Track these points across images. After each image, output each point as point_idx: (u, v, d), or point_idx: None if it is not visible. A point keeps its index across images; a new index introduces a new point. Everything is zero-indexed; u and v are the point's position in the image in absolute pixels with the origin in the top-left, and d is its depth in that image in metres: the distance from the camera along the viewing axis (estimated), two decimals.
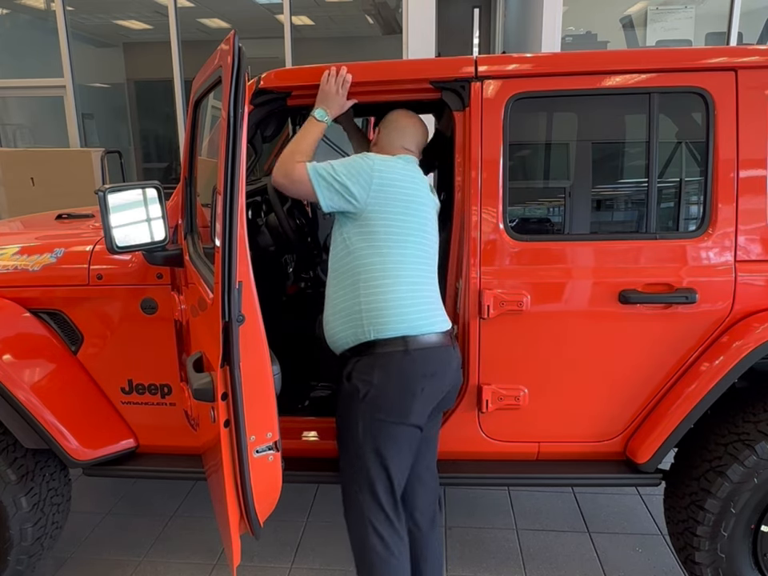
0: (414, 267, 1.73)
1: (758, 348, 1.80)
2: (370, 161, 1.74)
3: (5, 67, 6.76)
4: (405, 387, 1.68)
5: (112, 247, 1.88)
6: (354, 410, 1.69)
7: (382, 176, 1.72)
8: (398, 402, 1.68)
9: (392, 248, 1.71)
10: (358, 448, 1.70)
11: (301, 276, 3.40)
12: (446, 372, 1.74)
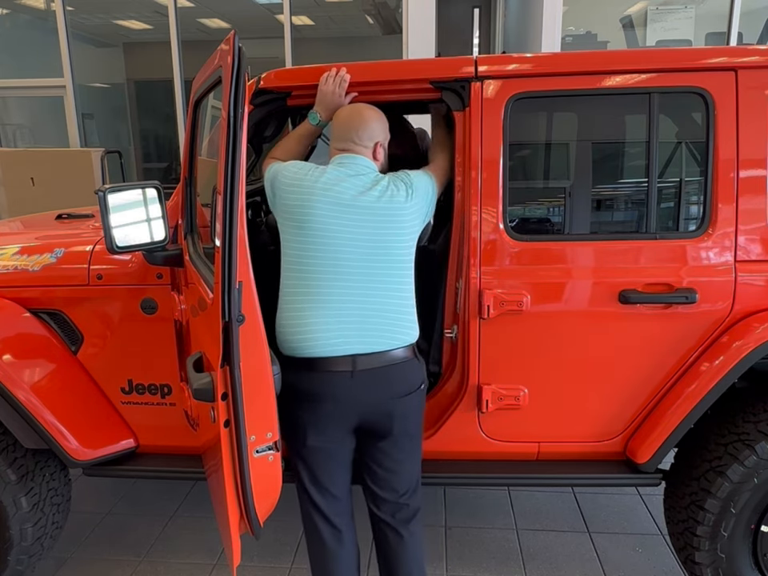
0: (301, 286, 1.72)
1: (758, 348, 1.80)
2: (275, 166, 1.78)
3: (5, 67, 6.77)
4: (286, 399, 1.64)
5: (112, 247, 1.88)
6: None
7: (276, 183, 1.75)
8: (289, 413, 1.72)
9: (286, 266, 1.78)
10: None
11: None
12: (320, 400, 1.68)
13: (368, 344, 1.68)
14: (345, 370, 1.66)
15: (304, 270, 1.71)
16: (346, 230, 1.67)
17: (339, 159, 1.77)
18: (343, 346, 1.66)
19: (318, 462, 1.78)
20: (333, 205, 1.67)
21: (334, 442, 1.75)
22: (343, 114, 1.81)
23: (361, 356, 1.67)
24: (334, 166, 1.75)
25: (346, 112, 1.82)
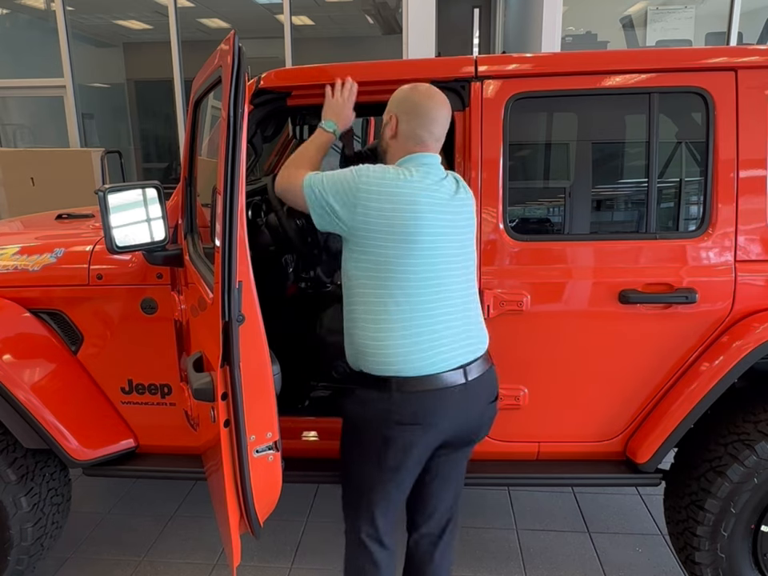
0: (414, 302, 1.52)
1: (757, 348, 1.80)
2: (356, 173, 1.53)
3: (5, 67, 6.76)
4: (381, 434, 1.55)
5: (112, 247, 1.88)
6: (341, 441, 1.67)
7: (369, 194, 1.50)
8: (371, 447, 1.58)
9: (382, 281, 1.52)
10: (342, 476, 1.68)
11: (301, 276, 3.39)
12: (441, 420, 1.56)
13: (471, 351, 1.60)
14: (458, 382, 1.56)
15: (405, 281, 1.52)
16: (446, 236, 1.56)
17: (420, 159, 1.59)
18: (455, 358, 1.57)
19: (395, 483, 1.62)
20: (436, 212, 1.54)
21: (420, 462, 1.62)
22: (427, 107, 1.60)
23: (469, 365, 1.59)
24: (416, 166, 1.58)
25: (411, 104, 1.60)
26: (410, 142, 1.60)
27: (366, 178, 1.52)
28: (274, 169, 3.33)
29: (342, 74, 2.00)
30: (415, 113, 1.59)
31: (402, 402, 1.52)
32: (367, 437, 1.59)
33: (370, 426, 1.57)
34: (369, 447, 1.59)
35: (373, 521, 1.65)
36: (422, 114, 1.59)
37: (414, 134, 1.59)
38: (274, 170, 3.33)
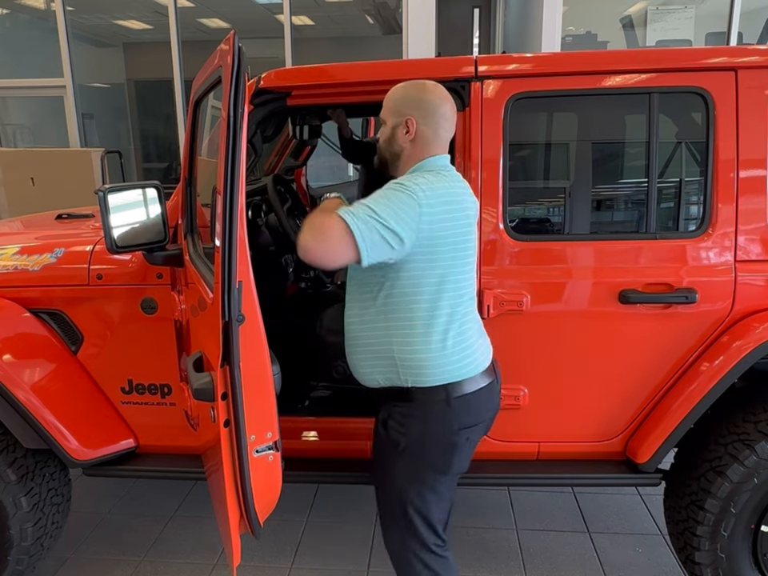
0: (455, 308, 1.52)
1: (758, 348, 1.80)
2: (413, 192, 1.41)
3: (5, 67, 6.77)
4: (446, 441, 1.55)
5: (112, 247, 1.88)
6: (392, 462, 1.58)
7: (432, 211, 1.42)
8: (438, 457, 1.55)
9: (434, 293, 1.49)
10: (397, 496, 1.59)
11: (301, 276, 3.39)
12: (488, 412, 1.63)
13: (489, 345, 1.67)
14: (492, 377, 1.62)
15: (454, 291, 1.51)
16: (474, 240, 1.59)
17: (444, 161, 1.57)
18: (488, 354, 1.63)
19: (452, 488, 1.62)
20: (474, 217, 1.57)
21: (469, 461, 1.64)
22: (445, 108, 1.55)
23: (493, 360, 1.66)
24: (447, 170, 1.55)
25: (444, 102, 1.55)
26: (433, 144, 1.56)
27: (422, 193, 1.41)
28: (274, 169, 3.34)
29: (342, 73, 2.00)
30: (437, 114, 1.54)
31: (460, 407, 1.53)
32: (434, 452, 1.55)
33: (437, 440, 1.54)
34: (437, 461, 1.56)
35: (437, 531, 1.62)
36: (442, 115, 1.55)
37: (438, 136, 1.56)
38: (273, 170, 3.33)
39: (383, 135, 1.60)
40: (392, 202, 1.40)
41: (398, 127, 1.56)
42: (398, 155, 1.59)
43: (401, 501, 1.59)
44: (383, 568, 2.36)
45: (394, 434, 1.56)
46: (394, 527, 1.63)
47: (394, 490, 1.59)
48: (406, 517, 1.59)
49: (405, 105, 1.55)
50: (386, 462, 1.60)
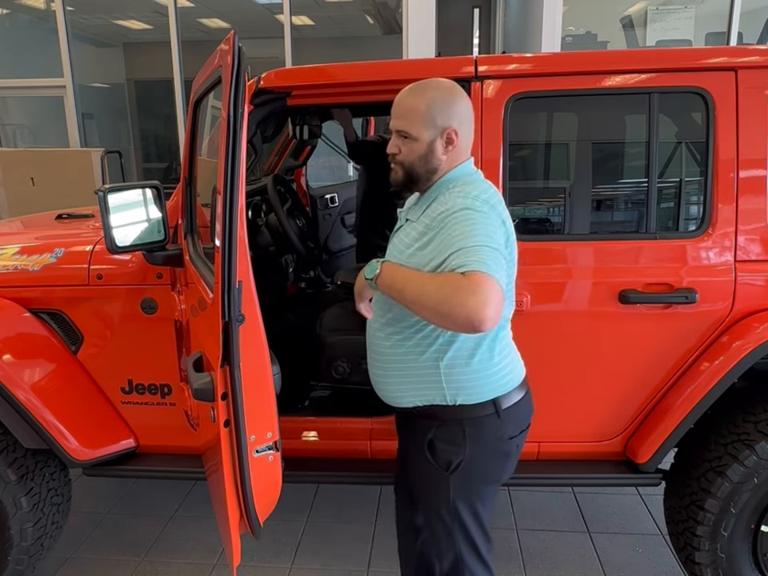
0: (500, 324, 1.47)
1: (757, 348, 1.80)
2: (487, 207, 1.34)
3: (5, 67, 6.77)
4: (500, 452, 1.53)
5: (112, 247, 1.88)
6: (443, 481, 1.52)
7: (505, 218, 1.41)
8: (493, 467, 1.54)
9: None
10: (450, 510, 1.54)
11: (301, 276, 3.40)
12: (530, 417, 1.62)
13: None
14: (528, 385, 1.61)
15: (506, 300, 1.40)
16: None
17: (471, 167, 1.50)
18: (522, 363, 1.61)
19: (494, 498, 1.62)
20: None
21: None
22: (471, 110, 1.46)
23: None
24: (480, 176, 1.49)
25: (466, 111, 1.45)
26: (466, 151, 1.47)
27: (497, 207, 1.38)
28: (274, 169, 3.34)
29: (342, 73, 2.00)
30: (470, 119, 1.46)
31: (509, 418, 1.51)
32: (488, 465, 1.53)
33: (491, 453, 1.52)
34: (492, 473, 1.56)
35: (488, 537, 1.61)
36: (471, 118, 1.46)
37: (468, 141, 1.47)
38: (273, 170, 3.33)
39: (414, 152, 1.42)
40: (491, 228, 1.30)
41: (436, 140, 1.41)
42: (435, 170, 1.44)
43: (456, 515, 1.54)
44: (383, 568, 2.36)
45: (444, 455, 1.50)
46: (449, 541, 1.58)
47: (447, 507, 1.54)
48: (463, 529, 1.55)
49: (441, 114, 1.39)
50: (437, 483, 1.53)
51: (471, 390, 1.46)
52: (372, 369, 1.60)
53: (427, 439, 1.50)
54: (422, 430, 1.52)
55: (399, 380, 1.52)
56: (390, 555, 2.40)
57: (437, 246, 1.34)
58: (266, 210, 2.93)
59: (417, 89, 1.44)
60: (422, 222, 1.43)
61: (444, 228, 1.33)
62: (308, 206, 3.62)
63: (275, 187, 2.73)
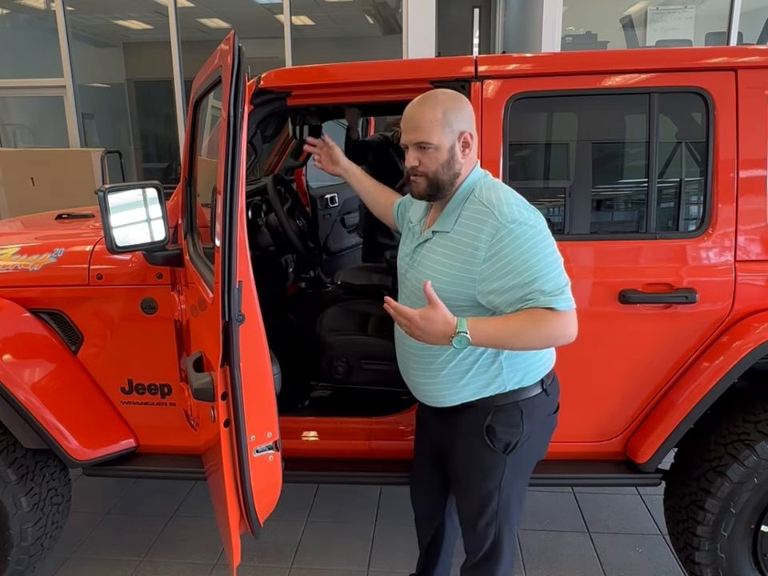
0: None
1: (757, 348, 1.80)
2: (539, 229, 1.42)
3: (5, 67, 6.76)
4: (549, 426, 1.64)
5: (112, 247, 1.88)
6: (499, 463, 1.57)
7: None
8: (542, 443, 1.64)
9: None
10: (500, 492, 1.61)
11: (301, 276, 3.40)
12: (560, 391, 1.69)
13: None
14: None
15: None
16: None
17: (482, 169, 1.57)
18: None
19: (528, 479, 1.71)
20: None
21: None
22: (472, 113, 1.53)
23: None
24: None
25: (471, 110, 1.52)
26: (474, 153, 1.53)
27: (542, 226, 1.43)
28: (274, 169, 3.34)
29: (342, 73, 2.00)
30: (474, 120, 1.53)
31: (553, 393, 1.61)
32: (540, 442, 1.63)
33: (543, 430, 1.61)
34: (541, 449, 1.65)
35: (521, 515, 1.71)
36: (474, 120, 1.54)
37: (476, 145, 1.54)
38: (273, 170, 3.33)
39: (437, 160, 1.46)
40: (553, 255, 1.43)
41: (455, 146, 1.46)
42: (457, 175, 1.49)
43: (504, 496, 1.61)
44: (383, 568, 2.36)
45: (504, 437, 1.55)
46: (492, 523, 1.64)
47: (498, 489, 1.60)
48: (507, 509, 1.63)
49: (456, 119, 1.45)
50: (494, 466, 1.58)
51: (530, 374, 1.55)
52: (417, 378, 1.62)
53: (485, 425, 1.55)
54: (478, 417, 1.56)
55: (456, 382, 1.55)
56: (390, 555, 2.41)
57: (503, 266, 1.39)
58: (266, 210, 2.93)
59: (427, 100, 1.48)
60: (459, 231, 1.45)
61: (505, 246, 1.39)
62: (308, 206, 3.62)
63: (275, 187, 2.73)
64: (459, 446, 1.62)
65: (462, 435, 1.61)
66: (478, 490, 1.62)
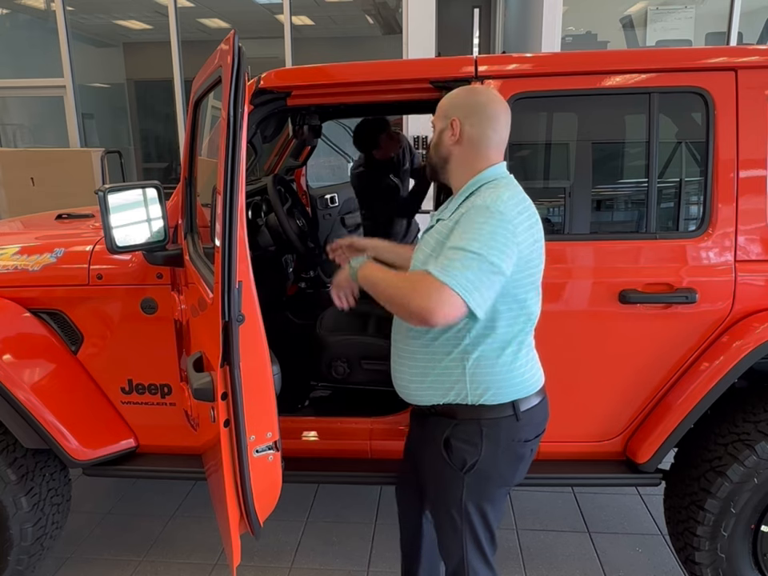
0: (528, 324, 1.50)
1: (757, 348, 1.80)
2: (507, 220, 1.35)
3: (5, 67, 6.77)
4: (515, 454, 1.54)
5: (112, 247, 1.88)
6: (457, 480, 1.54)
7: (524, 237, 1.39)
8: (507, 470, 1.56)
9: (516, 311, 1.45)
10: (460, 510, 1.56)
11: (301, 276, 3.40)
12: (545, 422, 1.61)
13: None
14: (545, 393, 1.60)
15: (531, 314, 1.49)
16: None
17: (501, 170, 1.51)
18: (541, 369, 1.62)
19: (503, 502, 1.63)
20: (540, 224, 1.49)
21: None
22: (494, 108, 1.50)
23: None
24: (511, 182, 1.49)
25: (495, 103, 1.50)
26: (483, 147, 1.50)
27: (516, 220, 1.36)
28: (274, 169, 3.34)
29: (342, 73, 2.00)
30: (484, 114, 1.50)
31: (527, 421, 1.52)
32: (503, 467, 1.55)
33: (507, 455, 1.53)
34: (506, 475, 1.57)
35: (494, 540, 1.62)
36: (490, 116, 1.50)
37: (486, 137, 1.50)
38: (273, 170, 3.33)
39: (432, 141, 1.57)
40: (491, 235, 1.33)
41: (444, 130, 1.51)
42: (446, 159, 1.54)
43: (466, 516, 1.56)
44: (383, 568, 2.36)
45: (460, 453, 1.51)
46: (455, 539, 1.60)
47: (458, 507, 1.56)
48: (472, 530, 1.57)
49: (451, 107, 1.52)
50: (450, 482, 1.55)
51: (494, 391, 1.48)
52: (395, 366, 1.62)
53: (444, 437, 1.52)
54: (440, 427, 1.54)
55: (423, 378, 1.54)
56: (390, 555, 2.41)
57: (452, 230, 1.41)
58: (266, 210, 2.93)
59: (452, 92, 1.58)
60: (453, 219, 1.46)
61: (459, 221, 1.40)
62: (308, 206, 3.62)
63: (275, 187, 2.73)
64: (425, 455, 1.62)
65: (427, 443, 1.60)
66: (439, 503, 1.61)
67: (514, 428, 1.51)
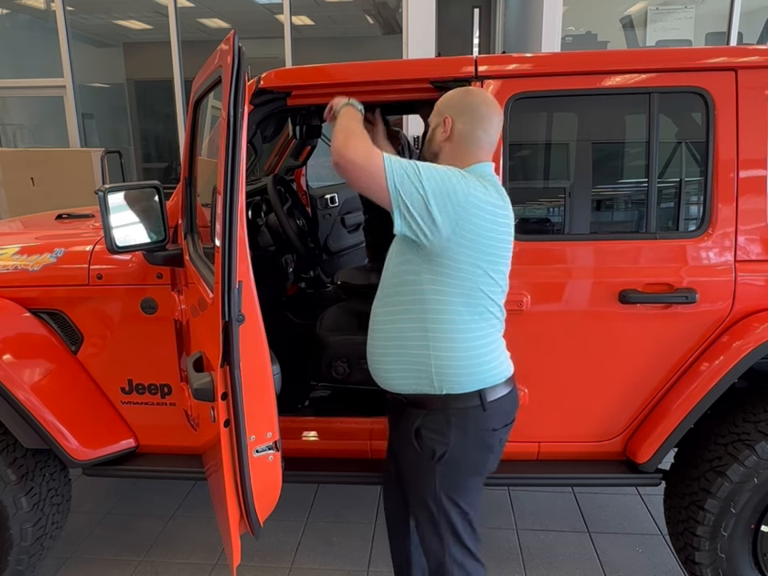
0: (488, 317, 1.53)
1: (757, 348, 1.80)
2: (466, 184, 1.42)
3: (5, 67, 6.77)
4: (483, 443, 1.57)
5: (112, 247, 1.88)
6: (429, 470, 1.57)
7: (479, 210, 1.43)
8: (477, 458, 1.58)
9: (468, 300, 1.49)
10: (437, 502, 1.58)
11: (301, 276, 3.40)
12: (514, 412, 1.63)
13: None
14: (514, 383, 1.63)
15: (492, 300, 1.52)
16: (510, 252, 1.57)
17: (487, 170, 1.55)
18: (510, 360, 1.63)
19: (482, 487, 1.65)
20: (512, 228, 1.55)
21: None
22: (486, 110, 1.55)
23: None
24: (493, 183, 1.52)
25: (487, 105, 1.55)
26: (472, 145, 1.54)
27: (476, 192, 1.42)
28: (274, 169, 3.34)
29: (342, 73, 2.00)
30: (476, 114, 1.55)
31: (494, 411, 1.55)
32: (473, 456, 1.57)
33: (475, 444, 1.56)
34: (476, 464, 1.59)
35: (475, 532, 1.63)
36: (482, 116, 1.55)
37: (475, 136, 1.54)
38: (273, 170, 3.33)
39: (427, 137, 1.63)
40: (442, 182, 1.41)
41: (437, 127, 1.58)
42: (436, 155, 1.59)
43: (441, 507, 1.58)
44: (383, 568, 2.36)
45: (430, 444, 1.54)
46: (435, 532, 1.62)
47: (433, 497, 1.58)
48: (449, 521, 1.59)
49: (445, 106, 1.58)
50: (423, 472, 1.58)
51: (458, 380, 1.52)
52: (370, 349, 1.66)
53: (414, 427, 1.56)
54: (411, 418, 1.58)
55: (394, 365, 1.58)
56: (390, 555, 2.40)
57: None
58: (266, 210, 2.93)
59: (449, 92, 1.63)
60: None
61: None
62: (308, 206, 3.62)
63: (275, 187, 2.73)
64: (400, 446, 1.65)
65: (401, 435, 1.63)
66: (416, 494, 1.63)
67: (482, 417, 1.54)
